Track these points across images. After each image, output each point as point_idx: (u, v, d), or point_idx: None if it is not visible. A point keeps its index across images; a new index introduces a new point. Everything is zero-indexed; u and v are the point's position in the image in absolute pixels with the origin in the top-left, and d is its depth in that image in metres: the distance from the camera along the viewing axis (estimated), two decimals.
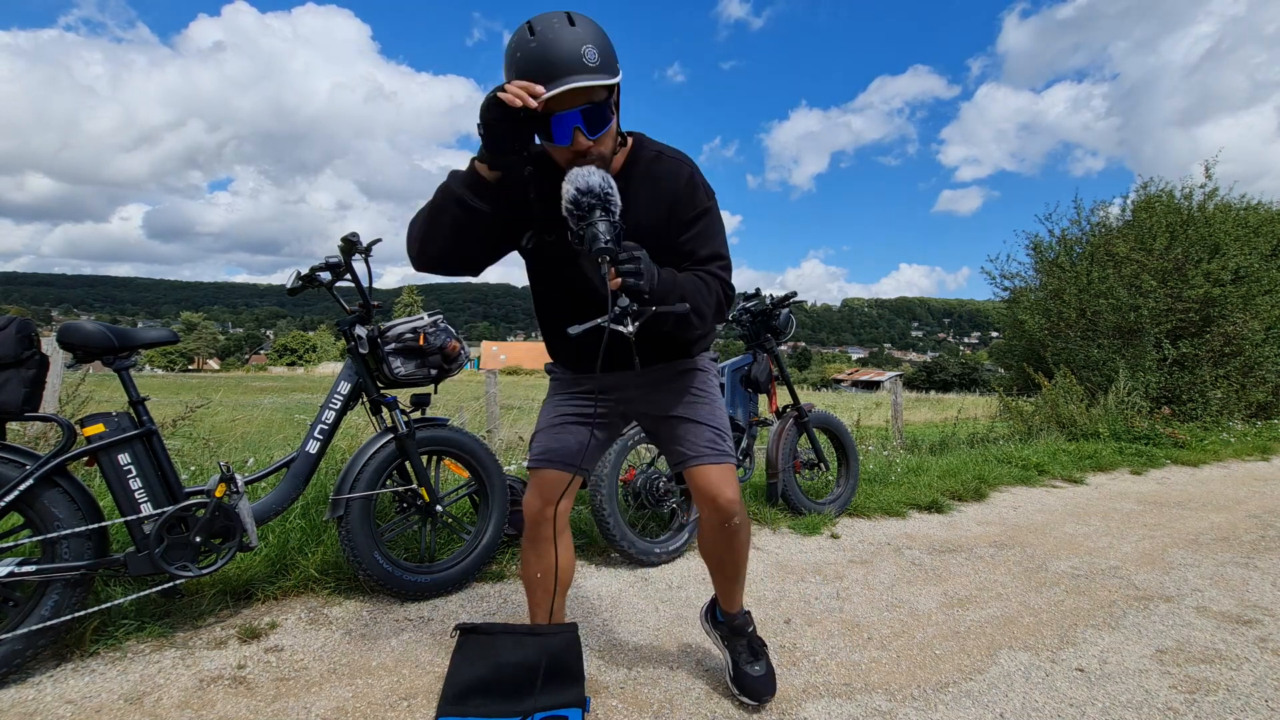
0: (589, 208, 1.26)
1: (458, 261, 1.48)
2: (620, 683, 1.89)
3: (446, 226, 1.41)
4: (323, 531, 2.57)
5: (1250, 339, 9.09)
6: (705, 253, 1.49)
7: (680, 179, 1.49)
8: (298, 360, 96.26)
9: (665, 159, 1.51)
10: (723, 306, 1.51)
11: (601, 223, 1.26)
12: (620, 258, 1.26)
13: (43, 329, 2.69)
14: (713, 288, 1.46)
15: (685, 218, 1.49)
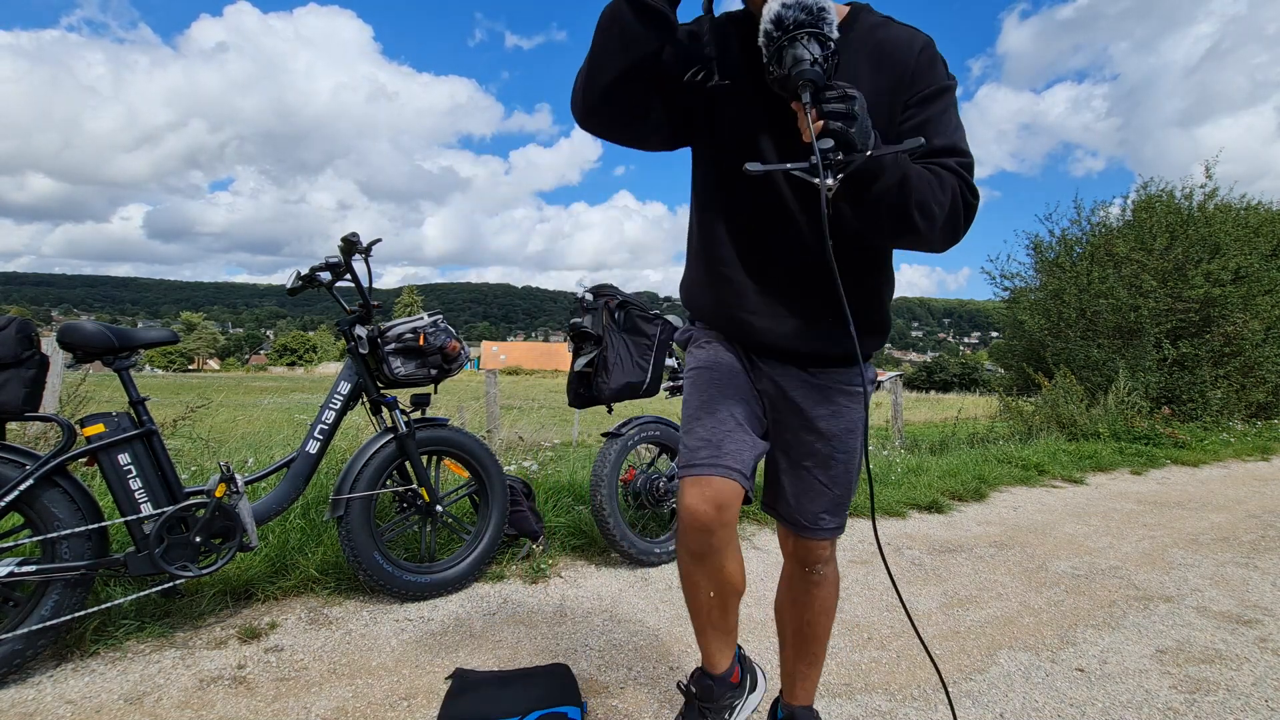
0: (794, 25, 0.95)
1: (627, 102, 1.14)
2: (620, 683, 1.89)
3: (616, 42, 1.08)
4: (323, 531, 2.57)
5: (1250, 339, 9.10)
6: (941, 143, 1.11)
7: (914, 47, 1.15)
8: (298, 360, 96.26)
9: (894, 25, 1.19)
10: (959, 214, 1.09)
11: (810, 43, 0.95)
12: (828, 93, 0.94)
13: (43, 329, 2.69)
14: (948, 185, 1.07)
15: (918, 94, 1.14)
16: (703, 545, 1.25)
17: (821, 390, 1.29)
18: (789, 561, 1.45)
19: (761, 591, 2.63)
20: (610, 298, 2.83)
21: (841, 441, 1.30)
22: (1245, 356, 9.15)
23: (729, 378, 1.30)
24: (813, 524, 1.34)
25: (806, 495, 1.33)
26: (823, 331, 1.24)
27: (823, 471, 1.32)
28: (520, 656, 2.02)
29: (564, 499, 3.33)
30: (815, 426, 1.30)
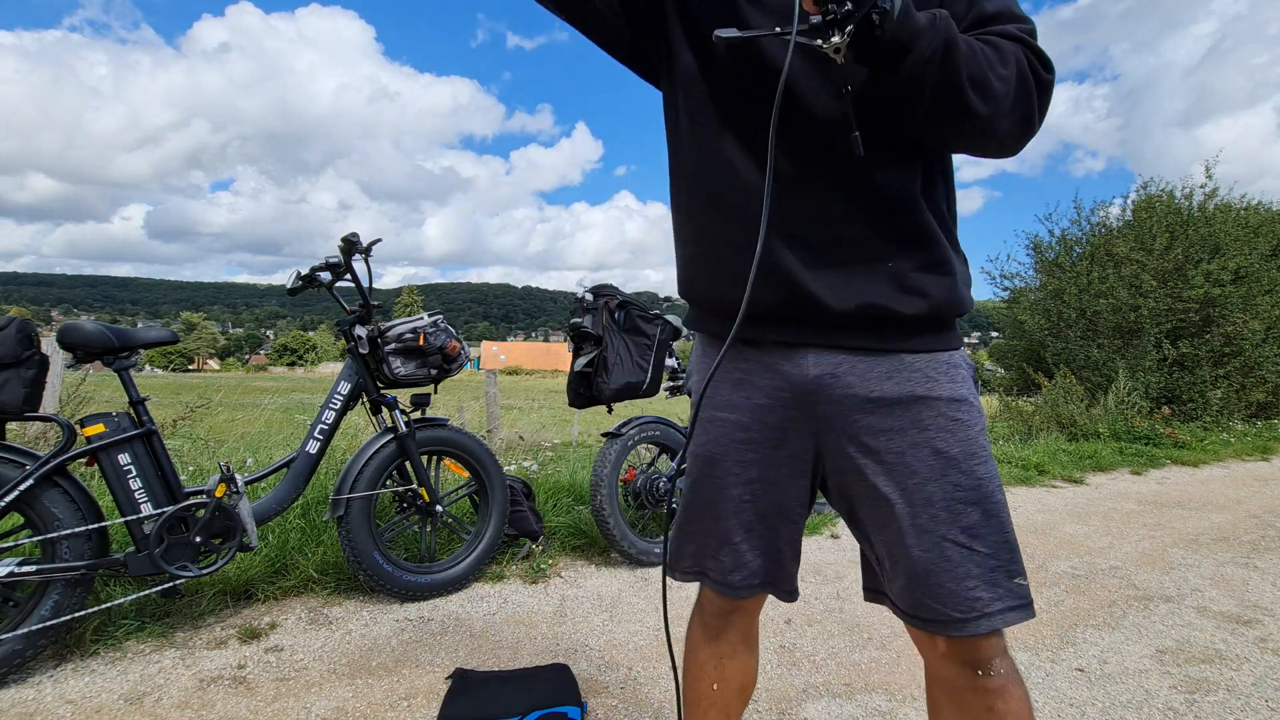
0: None
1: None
2: (620, 683, 1.89)
3: None
4: (323, 531, 2.57)
5: (1250, 339, 9.10)
6: (992, 7, 0.84)
7: None
8: (298, 360, 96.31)
9: None
10: (1030, 94, 0.79)
11: None
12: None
13: (43, 329, 2.69)
14: (1010, 55, 0.78)
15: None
16: (722, 624, 1.06)
17: (907, 387, 0.86)
18: (940, 665, 0.90)
19: None
20: (610, 298, 2.84)
21: (966, 467, 0.85)
22: (1245, 356, 9.15)
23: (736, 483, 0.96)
24: (966, 611, 0.83)
25: (938, 569, 0.84)
26: (882, 275, 0.84)
27: (952, 523, 0.84)
28: (520, 656, 2.02)
29: (564, 499, 3.33)
30: (924, 452, 0.85)
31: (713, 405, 0.99)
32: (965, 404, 0.88)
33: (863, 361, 0.87)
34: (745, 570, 0.98)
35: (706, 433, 1.00)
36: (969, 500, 0.84)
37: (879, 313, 0.85)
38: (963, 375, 0.90)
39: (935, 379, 0.87)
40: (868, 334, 0.87)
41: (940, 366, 0.88)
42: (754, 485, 0.96)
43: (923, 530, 0.85)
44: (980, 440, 0.87)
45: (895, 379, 0.87)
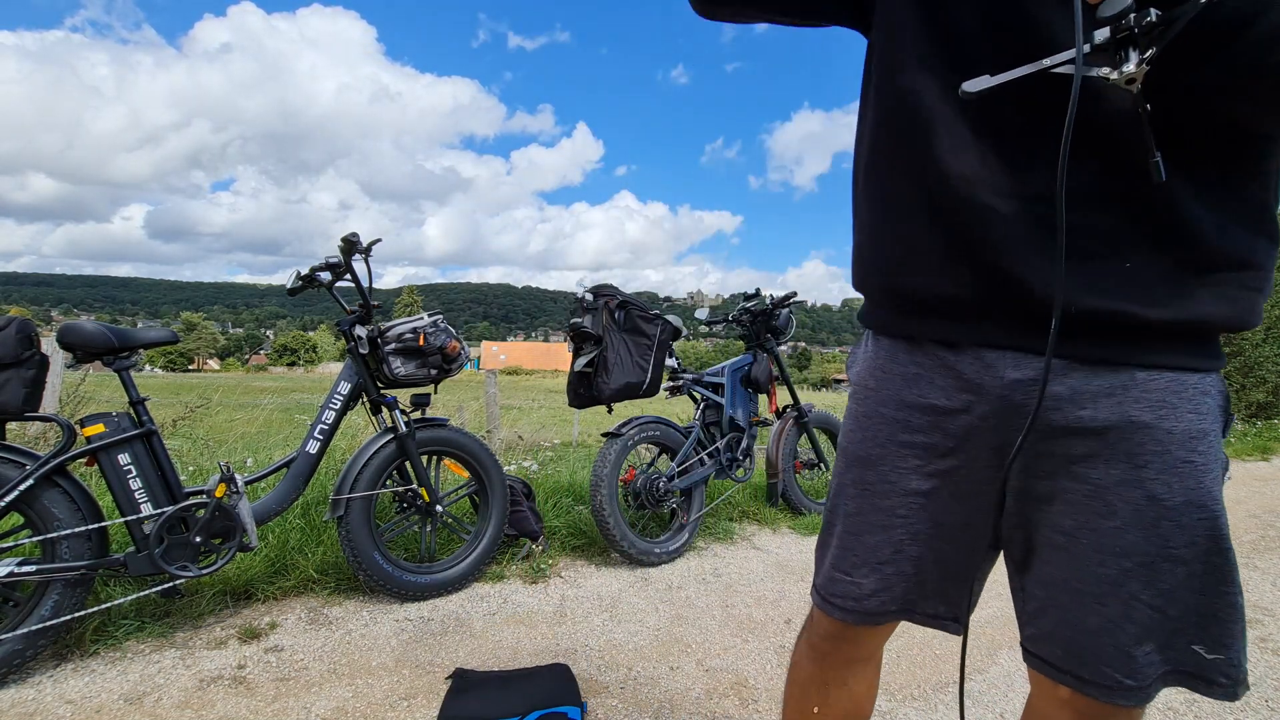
0: None
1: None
2: (620, 683, 1.89)
3: None
4: (323, 531, 2.57)
5: (1250, 339, 9.10)
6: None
7: None
8: (298, 360, 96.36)
9: None
10: None
11: None
12: None
13: (43, 329, 2.69)
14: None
15: None
16: (832, 648, 0.95)
17: (1130, 411, 0.70)
18: (1053, 708, 0.80)
19: (762, 591, 2.63)
20: (610, 298, 2.84)
21: (1186, 520, 0.70)
22: (1245, 357, 9.16)
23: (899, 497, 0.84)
24: (1137, 680, 0.72)
25: (1115, 631, 0.72)
26: (1142, 272, 0.67)
27: (1149, 580, 0.71)
28: (520, 656, 2.02)
29: (564, 499, 3.33)
30: (1134, 494, 0.70)
31: (877, 400, 0.85)
32: (1203, 441, 0.70)
33: (1077, 371, 0.71)
34: (882, 596, 0.86)
35: (863, 429, 0.87)
36: (1179, 560, 0.70)
37: (1112, 317, 0.68)
38: (1209, 406, 0.71)
39: (1171, 405, 0.69)
40: (1090, 339, 0.69)
41: (1183, 390, 0.70)
42: (911, 499, 0.83)
43: (1104, 581, 0.71)
44: (1213, 490, 0.70)
45: (1118, 398, 0.70)
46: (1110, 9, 0.53)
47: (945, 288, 0.75)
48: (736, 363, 3.56)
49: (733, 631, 2.25)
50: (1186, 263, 0.67)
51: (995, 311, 0.73)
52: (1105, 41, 0.54)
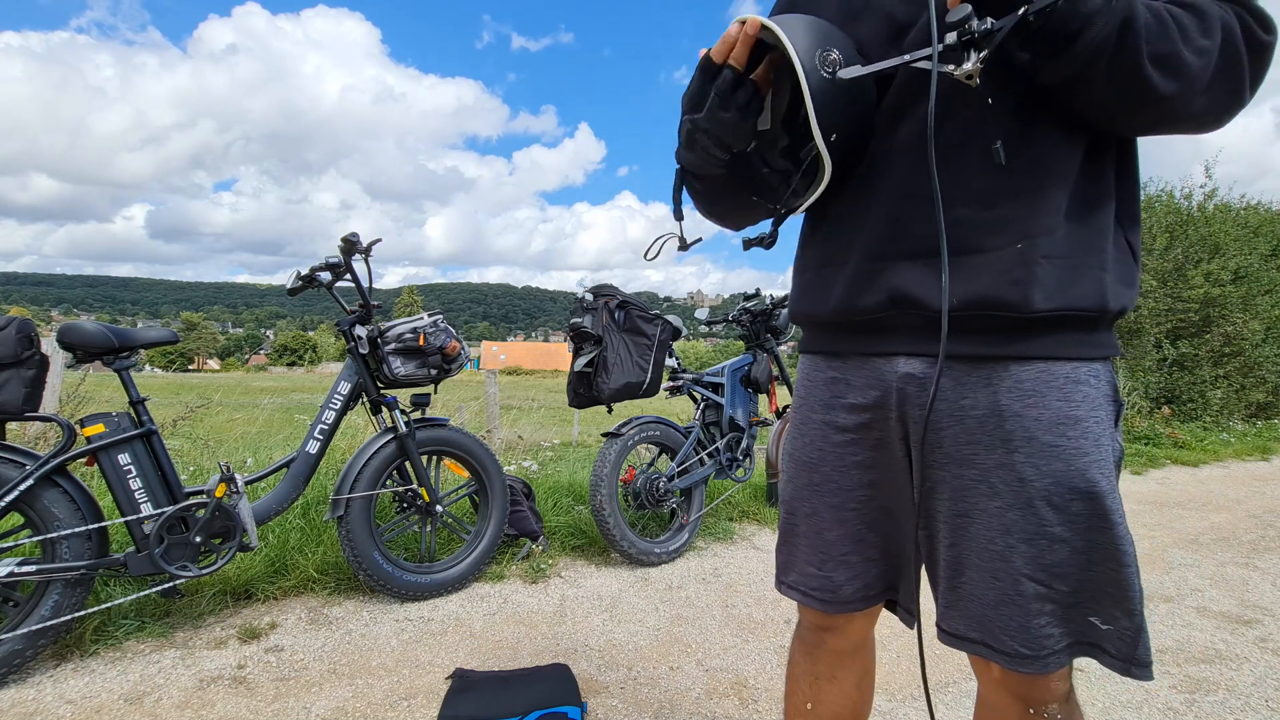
0: None
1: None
2: (620, 683, 1.89)
3: (708, 199, 0.95)
4: (323, 531, 2.57)
5: (1250, 339, 9.10)
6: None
7: None
8: (298, 360, 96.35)
9: None
10: (1238, 61, 0.69)
11: None
12: None
13: (43, 329, 2.69)
14: (1213, 19, 0.69)
15: None
16: (817, 641, 1.00)
17: (1000, 400, 0.77)
18: (993, 691, 0.85)
19: (762, 591, 2.63)
20: (610, 298, 2.84)
21: (1059, 500, 0.75)
22: (1245, 356, 9.15)
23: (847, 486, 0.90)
24: (1032, 649, 0.76)
25: (1008, 600, 0.77)
26: (1002, 262, 0.73)
27: (1030, 555, 0.76)
28: (520, 656, 2.02)
29: (564, 499, 3.33)
30: (1008, 476, 0.76)
31: (808, 407, 0.94)
32: (1073, 426, 0.75)
33: (959, 365, 0.79)
34: (855, 584, 0.92)
35: (802, 435, 0.95)
36: (1057, 538, 0.75)
37: (988, 307, 0.74)
38: (1083, 394, 0.76)
39: (1039, 394, 0.75)
40: (970, 337, 0.76)
41: (1052, 380, 0.75)
42: (856, 492, 0.90)
43: (996, 557, 0.77)
44: (1087, 473, 0.74)
45: (991, 388, 0.77)
46: (954, 15, 0.63)
47: (826, 311, 0.88)
48: (736, 363, 3.56)
49: (733, 631, 2.25)
50: (1038, 251, 0.73)
51: (883, 324, 0.83)
52: (953, 43, 0.64)
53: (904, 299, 0.78)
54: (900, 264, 0.79)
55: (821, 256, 0.89)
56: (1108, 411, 0.78)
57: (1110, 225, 0.76)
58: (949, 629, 0.83)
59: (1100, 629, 0.76)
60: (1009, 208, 0.73)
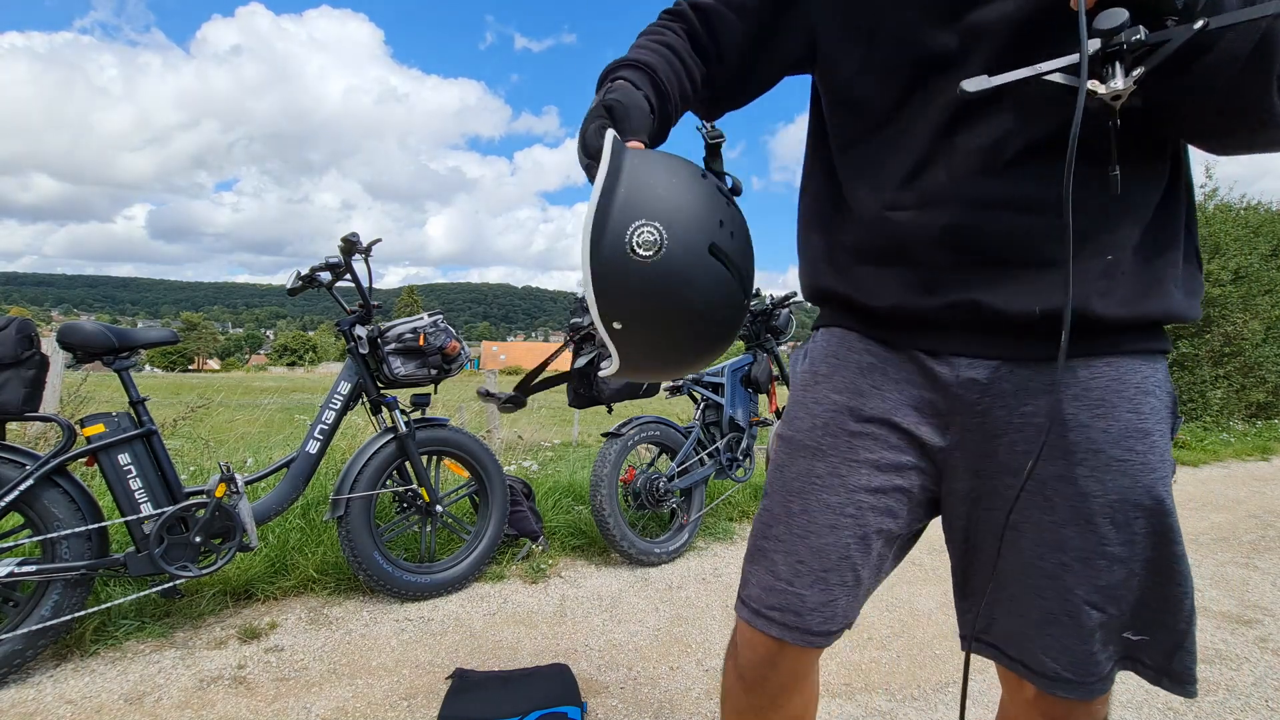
0: None
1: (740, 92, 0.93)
2: (620, 683, 1.89)
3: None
4: (323, 531, 2.57)
5: (1250, 339, 9.10)
6: None
7: None
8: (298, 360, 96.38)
9: None
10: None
11: None
12: None
13: (43, 329, 2.69)
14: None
15: None
16: (759, 675, 0.85)
17: (1067, 407, 0.71)
18: (1022, 710, 0.81)
19: None
20: None
21: (1121, 518, 0.70)
22: (1245, 356, 9.15)
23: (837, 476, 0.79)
24: (1078, 674, 0.72)
25: (1053, 623, 0.73)
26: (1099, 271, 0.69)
27: (1085, 576, 0.71)
28: (520, 656, 2.02)
29: (564, 499, 3.33)
30: (1068, 490, 0.71)
31: (830, 385, 0.82)
32: (1142, 440, 0.70)
33: (1023, 370, 0.72)
34: (825, 612, 0.79)
35: (811, 415, 0.82)
36: (1116, 558, 0.70)
37: (1057, 313, 0.66)
38: (1151, 406, 0.71)
39: (1110, 404, 0.70)
40: (1037, 342, 0.71)
41: (1123, 390, 0.71)
42: (860, 496, 0.78)
43: (1043, 575, 0.72)
44: (1153, 489, 0.69)
45: (1055, 394, 0.69)
46: (1108, 22, 0.53)
47: (877, 304, 0.79)
48: (736, 363, 3.56)
49: None
50: (1119, 264, 0.70)
51: (942, 322, 0.75)
52: (1095, 53, 0.54)
53: (976, 306, 0.71)
54: (971, 272, 0.71)
55: (860, 245, 0.79)
56: (1169, 425, 0.74)
57: (1181, 235, 0.72)
58: (990, 640, 0.79)
59: (1133, 640, 0.73)
60: (1091, 220, 0.68)
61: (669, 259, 0.62)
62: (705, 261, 0.64)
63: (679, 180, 0.66)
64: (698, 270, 0.64)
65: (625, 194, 0.63)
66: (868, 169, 0.78)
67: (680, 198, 0.64)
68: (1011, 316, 0.70)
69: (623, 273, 0.62)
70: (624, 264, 0.62)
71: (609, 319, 0.65)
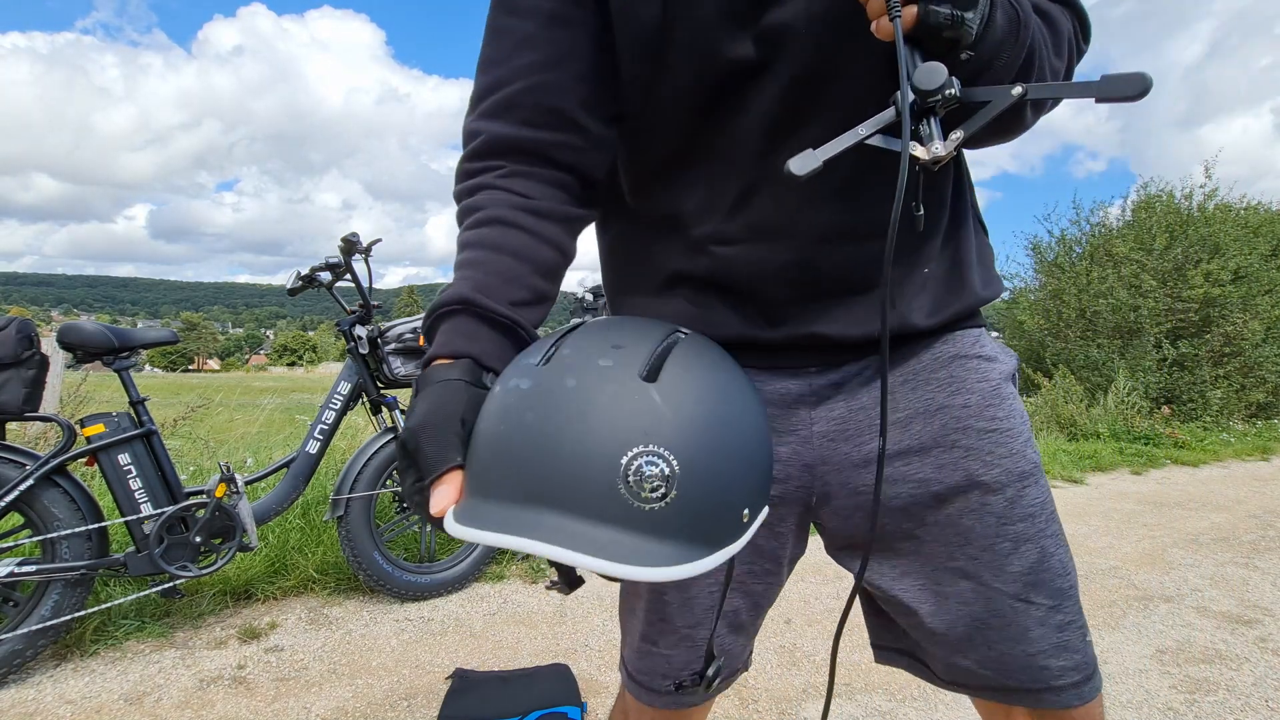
0: None
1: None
2: (620, 683, 1.89)
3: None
4: (323, 531, 2.57)
5: (1250, 339, 9.10)
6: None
7: None
8: (298, 360, 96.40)
9: None
10: (1070, 75, 0.65)
11: None
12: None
13: (43, 329, 2.69)
14: (1063, 36, 0.63)
15: None
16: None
17: (926, 394, 0.69)
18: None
19: None
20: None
21: (1013, 492, 0.66)
22: (1245, 356, 9.15)
23: None
24: (1034, 681, 0.66)
25: (998, 631, 0.67)
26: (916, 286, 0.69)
27: (998, 567, 0.66)
28: (520, 656, 2.02)
29: None
30: (956, 476, 0.67)
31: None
32: (1001, 406, 0.68)
33: (871, 367, 0.70)
34: (696, 669, 0.75)
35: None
36: (1021, 536, 0.65)
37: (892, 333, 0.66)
38: (991, 370, 0.69)
39: (960, 379, 0.68)
40: (866, 357, 0.70)
41: (962, 339, 0.70)
42: None
43: (961, 575, 0.66)
44: (1029, 454, 0.67)
45: (910, 384, 0.69)
46: (927, 81, 0.50)
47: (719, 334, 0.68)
48: None
49: None
50: (931, 273, 0.69)
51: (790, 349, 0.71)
52: (922, 107, 0.51)
53: (815, 335, 0.68)
54: (809, 302, 0.68)
55: (686, 277, 0.71)
56: (991, 362, 0.72)
57: (968, 213, 0.73)
58: (943, 674, 0.79)
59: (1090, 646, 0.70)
60: (908, 247, 0.67)
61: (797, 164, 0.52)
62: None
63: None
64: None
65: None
66: (683, 199, 0.69)
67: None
68: (851, 341, 0.68)
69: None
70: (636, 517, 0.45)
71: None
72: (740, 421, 0.50)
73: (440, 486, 0.49)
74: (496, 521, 0.44)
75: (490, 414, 0.49)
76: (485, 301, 0.58)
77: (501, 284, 0.59)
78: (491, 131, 0.65)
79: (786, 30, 0.60)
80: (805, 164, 0.52)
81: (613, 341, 0.50)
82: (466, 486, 0.48)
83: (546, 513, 0.44)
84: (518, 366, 0.51)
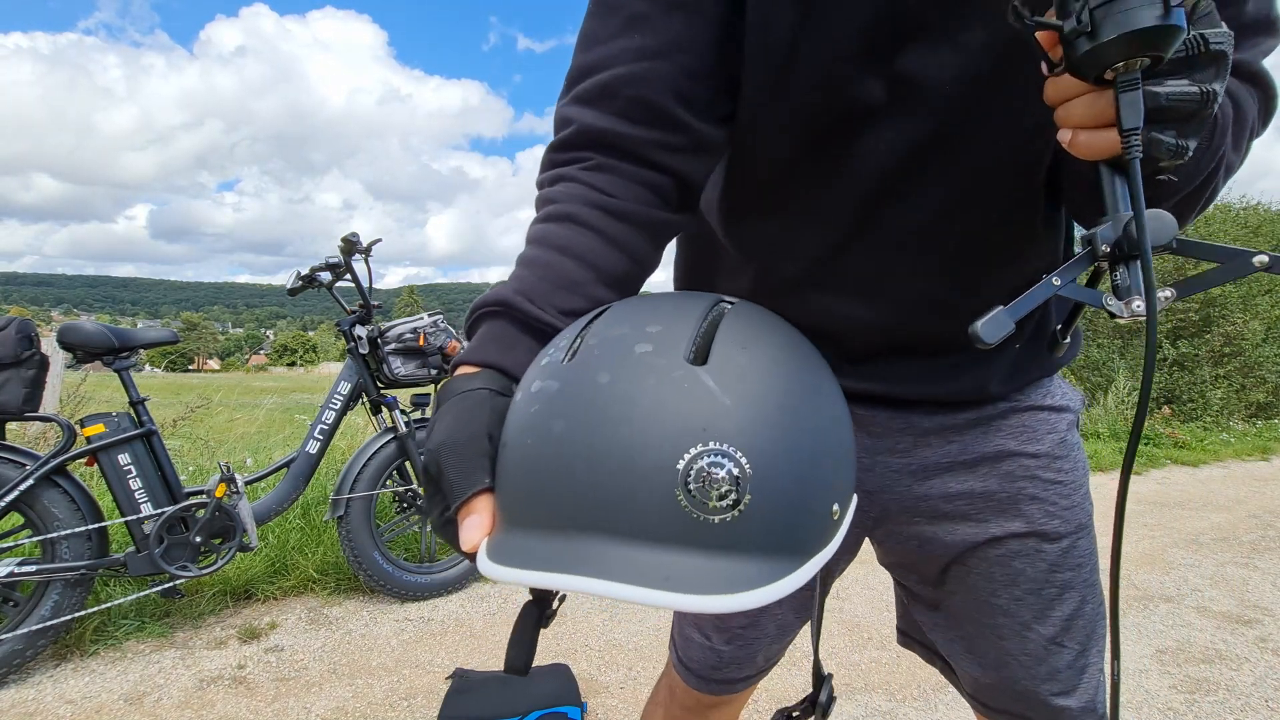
0: None
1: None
2: (620, 683, 1.89)
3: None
4: (323, 531, 2.57)
5: (1250, 339, 9.10)
6: (1257, 10, 0.53)
7: None
8: (298, 360, 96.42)
9: None
10: (1249, 145, 0.58)
11: None
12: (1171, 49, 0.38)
13: (43, 329, 2.69)
14: (1247, 121, 0.54)
15: None
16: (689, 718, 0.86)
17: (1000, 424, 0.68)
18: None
19: None
20: None
21: (1070, 543, 0.67)
22: (1245, 356, 9.15)
23: None
24: (1044, 709, 0.68)
25: (1027, 669, 0.68)
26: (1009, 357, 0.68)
27: (1042, 611, 0.67)
28: None
29: None
30: (1015, 524, 0.67)
31: None
32: (1068, 460, 0.69)
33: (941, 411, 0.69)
34: (743, 666, 0.79)
35: None
36: (1067, 585, 0.66)
37: (968, 399, 0.67)
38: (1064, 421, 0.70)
39: (1031, 429, 0.69)
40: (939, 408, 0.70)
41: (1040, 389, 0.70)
42: None
43: (1002, 612, 0.68)
44: (1086, 506, 0.69)
45: (982, 428, 0.68)
46: (1158, 237, 0.41)
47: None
48: None
49: None
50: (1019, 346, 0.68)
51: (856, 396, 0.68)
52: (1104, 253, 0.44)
53: (885, 390, 0.68)
54: (884, 359, 0.67)
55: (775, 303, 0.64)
56: (1065, 416, 0.73)
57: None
58: (973, 693, 0.77)
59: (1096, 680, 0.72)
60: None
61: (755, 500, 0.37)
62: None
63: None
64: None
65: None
66: (769, 231, 0.66)
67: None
68: (917, 399, 0.67)
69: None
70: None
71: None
72: (814, 400, 0.42)
73: (469, 516, 0.42)
74: (538, 558, 0.37)
75: (513, 428, 0.42)
76: (527, 307, 0.51)
77: (552, 289, 0.53)
78: (583, 121, 0.57)
79: (925, 80, 0.53)
80: (996, 330, 0.44)
81: (647, 322, 0.42)
82: (499, 517, 0.41)
83: (594, 541, 0.36)
84: (539, 366, 0.44)
